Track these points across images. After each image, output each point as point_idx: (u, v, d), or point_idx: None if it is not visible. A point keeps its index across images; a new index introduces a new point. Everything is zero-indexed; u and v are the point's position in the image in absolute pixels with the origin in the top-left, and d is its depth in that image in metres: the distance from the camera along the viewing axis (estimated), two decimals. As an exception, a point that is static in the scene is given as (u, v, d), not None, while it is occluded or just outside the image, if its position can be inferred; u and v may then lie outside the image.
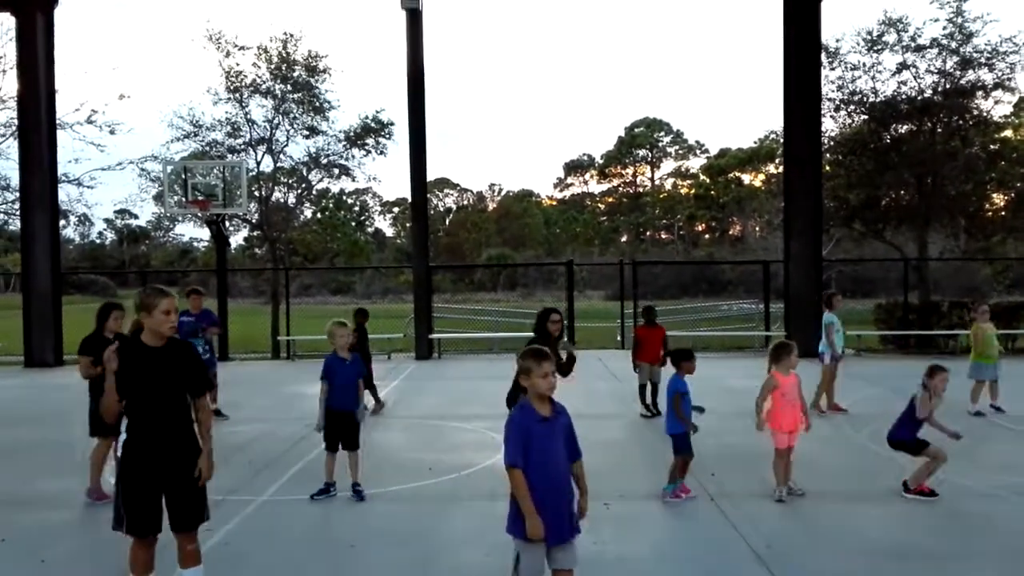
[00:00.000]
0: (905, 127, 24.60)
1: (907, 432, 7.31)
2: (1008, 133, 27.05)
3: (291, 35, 25.89)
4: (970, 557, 5.87)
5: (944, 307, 21.07)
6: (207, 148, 26.68)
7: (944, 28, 23.47)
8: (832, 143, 25.16)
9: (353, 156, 28.07)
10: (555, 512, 4.20)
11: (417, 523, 6.79)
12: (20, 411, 13.23)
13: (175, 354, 4.73)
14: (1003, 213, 28.21)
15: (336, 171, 28.70)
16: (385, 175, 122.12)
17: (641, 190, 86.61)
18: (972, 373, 11.54)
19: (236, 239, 38.38)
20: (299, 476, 8.42)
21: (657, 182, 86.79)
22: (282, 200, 29.60)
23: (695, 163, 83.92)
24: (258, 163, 26.84)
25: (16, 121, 21.35)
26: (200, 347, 11.59)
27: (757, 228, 64.41)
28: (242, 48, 25.78)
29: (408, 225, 51.64)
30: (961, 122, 24.35)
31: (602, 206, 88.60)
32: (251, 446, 10.01)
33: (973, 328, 11.94)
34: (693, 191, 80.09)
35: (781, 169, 27.69)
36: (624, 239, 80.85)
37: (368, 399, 7.43)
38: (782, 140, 21.22)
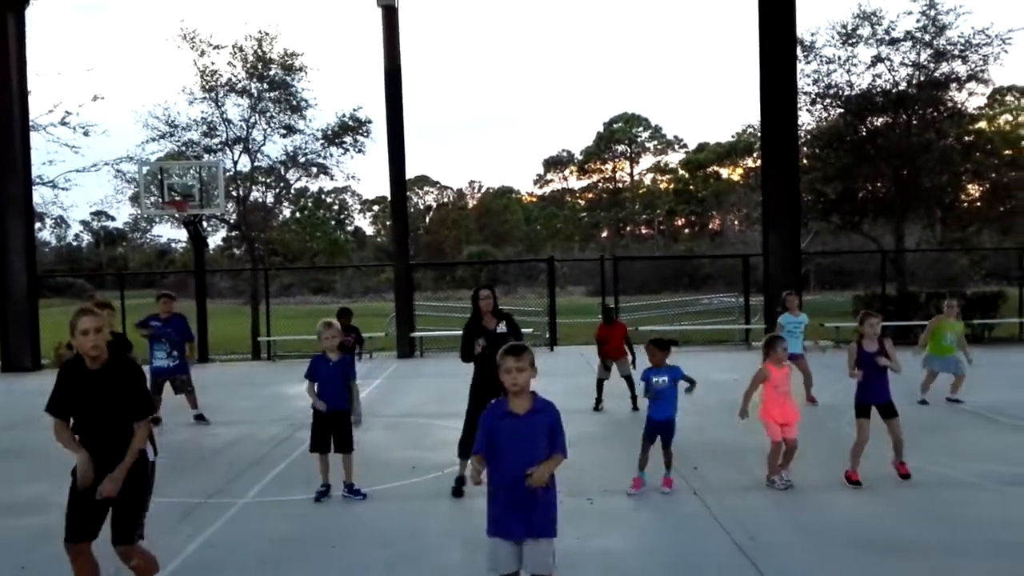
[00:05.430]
0: (880, 120, 24.82)
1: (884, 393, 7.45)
2: (982, 124, 27.37)
3: (266, 33, 25.80)
4: (952, 548, 5.89)
5: (922, 298, 21.25)
6: (183, 148, 26.49)
7: (918, 21, 23.73)
8: (809, 137, 25.36)
9: (331, 154, 28.03)
10: (507, 507, 4.24)
11: (400, 522, 6.77)
12: (-3, 416, 13.07)
13: (115, 377, 4.67)
14: (978, 204, 28.53)
15: (314, 170, 28.62)
16: (364, 173, 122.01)
17: (621, 185, 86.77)
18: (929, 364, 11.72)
19: (214, 240, 38.13)
20: (281, 477, 8.39)
21: (636, 177, 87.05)
22: (260, 200, 29.44)
23: (674, 158, 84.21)
24: (235, 163, 26.72)
25: (-12, 123, 21.08)
26: (164, 352, 11.36)
27: (736, 222, 64.80)
28: (217, 47, 25.68)
29: (388, 223, 51.46)
30: (936, 114, 24.60)
31: (582, 202, 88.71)
32: (232, 448, 9.95)
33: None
34: (672, 186, 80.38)
35: (759, 163, 27.81)
36: (604, 235, 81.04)
37: (359, 404, 7.39)
38: (759, 134, 21.30)
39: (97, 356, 4.62)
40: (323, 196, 41.65)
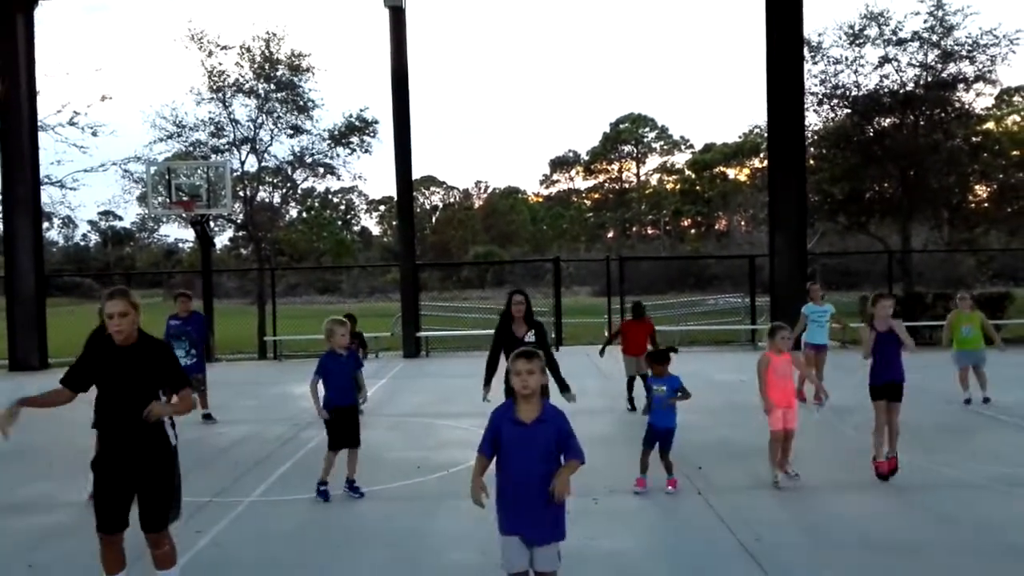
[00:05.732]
0: (888, 120, 24.78)
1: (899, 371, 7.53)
2: (990, 125, 27.28)
3: (274, 34, 25.85)
4: (960, 550, 5.86)
5: (928, 298, 21.19)
6: (191, 148, 26.57)
7: (925, 21, 23.70)
8: (816, 137, 25.32)
9: (338, 155, 28.06)
10: (514, 512, 4.27)
11: (405, 521, 6.78)
12: (5, 415, 13.11)
13: (143, 354, 4.70)
14: (986, 205, 28.44)
15: (321, 170, 28.67)
16: (371, 173, 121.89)
17: (627, 186, 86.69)
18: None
19: (221, 240, 38.34)
20: (287, 476, 8.40)
21: (643, 178, 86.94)
22: (267, 200, 29.52)
23: (680, 158, 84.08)
24: (242, 163, 26.77)
25: (-3, 123, 21.19)
26: (183, 350, 11.40)
27: (742, 222, 64.73)
28: (224, 47, 25.72)
29: (394, 223, 51.53)
30: (943, 115, 24.54)
31: (588, 202, 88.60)
32: (238, 447, 9.98)
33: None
34: (678, 186, 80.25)
35: (765, 164, 27.78)
36: (611, 235, 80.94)
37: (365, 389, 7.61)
38: (766, 135, 21.27)
39: (123, 341, 4.65)
40: (329, 196, 41.67)
